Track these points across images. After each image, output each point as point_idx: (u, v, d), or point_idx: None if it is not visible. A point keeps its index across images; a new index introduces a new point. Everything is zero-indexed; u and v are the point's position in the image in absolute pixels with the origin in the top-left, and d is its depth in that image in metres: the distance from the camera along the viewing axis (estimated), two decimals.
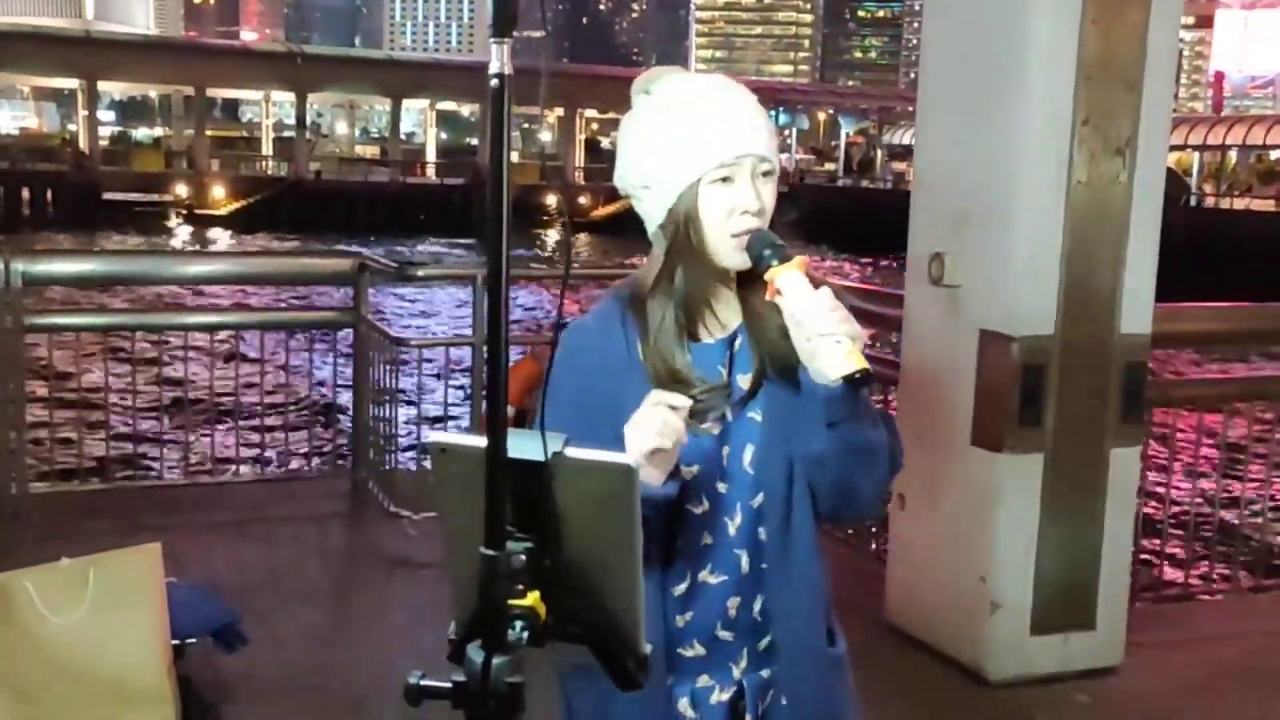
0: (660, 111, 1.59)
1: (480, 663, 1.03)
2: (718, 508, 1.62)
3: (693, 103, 1.58)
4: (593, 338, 1.63)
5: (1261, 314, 5.04)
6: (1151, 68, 3.62)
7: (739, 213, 1.55)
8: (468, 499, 1.07)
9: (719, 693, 1.65)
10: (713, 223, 1.56)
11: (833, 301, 1.48)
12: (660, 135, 1.58)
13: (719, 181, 1.55)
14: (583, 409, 1.54)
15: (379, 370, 5.57)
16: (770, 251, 1.53)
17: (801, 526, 1.62)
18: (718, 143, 1.55)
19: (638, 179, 1.61)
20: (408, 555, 4.77)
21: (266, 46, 70.37)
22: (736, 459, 1.62)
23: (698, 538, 1.62)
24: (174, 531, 4.75)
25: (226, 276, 6.49)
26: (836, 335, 1.46)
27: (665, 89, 1.62)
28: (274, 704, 3.47)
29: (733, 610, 1.64)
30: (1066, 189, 3.59)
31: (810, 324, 1.47)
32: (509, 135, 0.95)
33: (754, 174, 1.56)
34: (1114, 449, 3.77)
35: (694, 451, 1.58)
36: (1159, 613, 4.59)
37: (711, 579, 1.63)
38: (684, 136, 1.56)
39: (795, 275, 1.50)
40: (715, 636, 1.64)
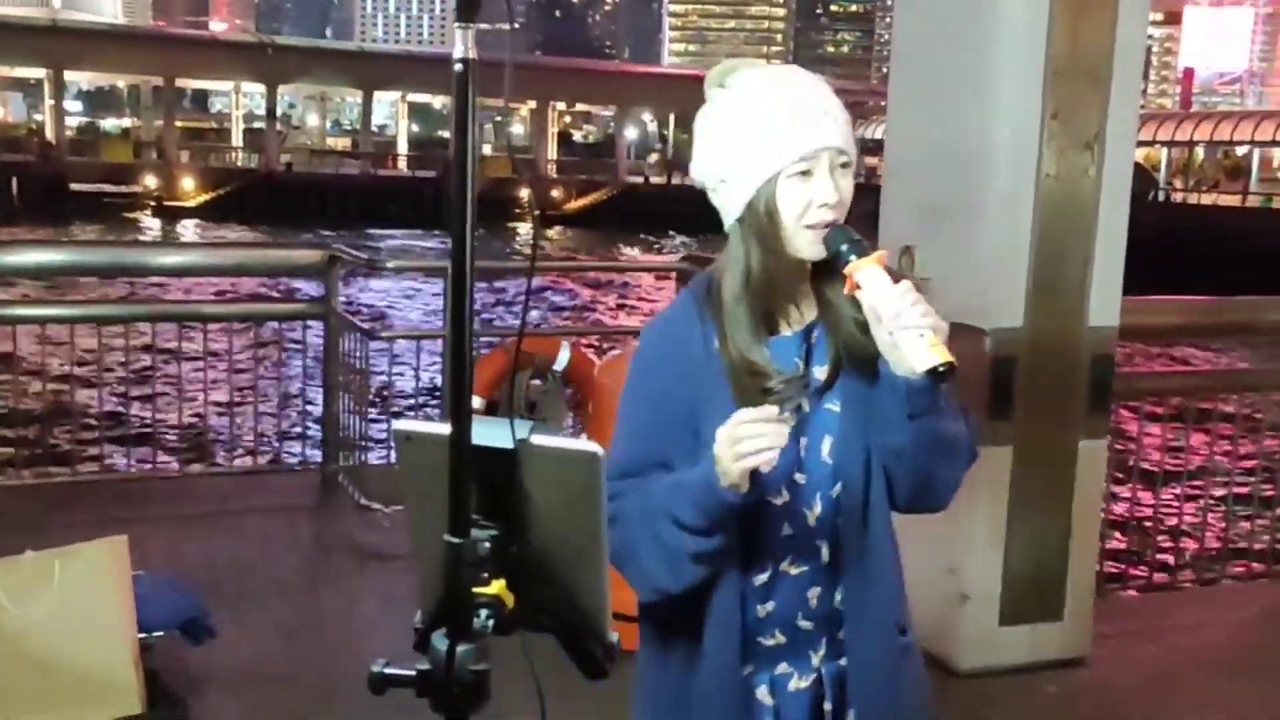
0: (737, 105, 1.60)
1: (444, 651, 1.03)
2: (796, 498, 1.63)
3: (770, 95, 1.58)
4: (671, 335, 1.64)
5: (1227, 307, 5.10)
6: (1120, 63, 3.65)
7: (817, 206, 1.56)
8: (433, 487, 1.07)
9: (797, 680, 1.67)
10: (791, 216, 1.56)
11: (914, 294, 1.49)
12: (739, 129, 1.58)
13: (797, 175, 1.55)
14: (660, 410, 1.59)
15: (350, 362, 5.54)
16: (849, 246, 1.53)
17: (878, 517, 1.63)
18: (797, 136, 1.55)
19: (715, 173, 1.61)
20: (378, 548, 4.75)
21: (236, 37, 69.81)
22: (815, 450, 1.63)
23: (778, 528, 1.63)
24: (142, 524, 4.71)
25: (196, 268, 6.44)
26: (920, 328, 1.47)
27: (740, 83, 1.62)
28: (242, 696, 3.45)
29: (813, 600, 1.65)
30: (1036, 182, 3.61)
31: (893, 318, 1.48)
32: (474, 121, 0.94)
33: (832, 167, 1.57)
34: (1082, 441, 3.80)
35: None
36: (1126, 604, 4.64)
37: (792, 569, 1.64)
38: (763, 130, 1.56)
39: (875, 269, 1.51)
40: (796, 626, 1.66)
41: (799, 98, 1.58)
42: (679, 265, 6.03)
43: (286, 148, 58.22)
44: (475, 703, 1.03)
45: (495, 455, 1.08)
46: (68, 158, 49.87)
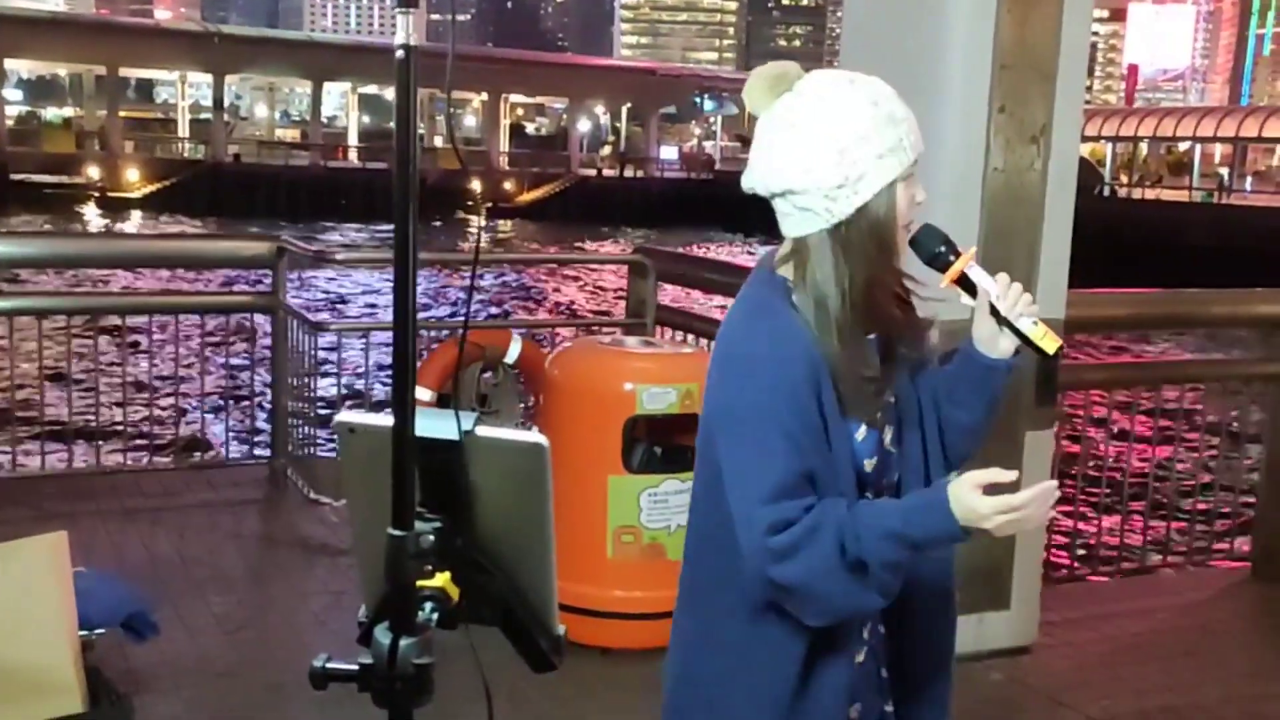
0: (845, 108, 1.61)
1: (387, 645, 1.01)
2: (867, 488, 1.68)
3: (879, 103, 1.62)
4: (787, 335, 1.59)
5: (1171, 299, 5.17)
6: (1065, 57, 3.69)
7: (914, 205, 1.64)
8: (377, 479, 1.05)
9: (858, 656, 1.70)
10: (902, 217, 1.63)
11: (1019, 285, 1.62)
12: (858, 133, 1.59)
13: (908, 178, 1.62)
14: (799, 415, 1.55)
15: (298, 355, 5.49)
16: (945, 247, 1.65)
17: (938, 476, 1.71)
18: (914, 141, 1.62)
19: (827, 179, 1.58)
20: (327, 542, 4.71)
21: (182, 25, 68.61)
22: (895, 441, 1.70)
23: None
24: (84, 519, 4.64)
25: (141, 259, 6.34)
26: (1033, 316, 1.62)
27: (826, 87, 1.64)
28: (186, 692, 3.41)
29: None
30: (983, 175, 3.64)
31: (1010, 308, 1.61)
32: (415, 108, 0.93)
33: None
34: (1029, 432, 3.83)
35: (870, 445, 1.65)
36: (1070, 592, 4.70)
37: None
38: (887, 135, 1.60)
39: (974, 265, 1.64)
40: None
41: (897, 102, 1.65)
42: (632, 258, 6.02)
43: (234, 139, 57.46)
44: (418, 697, 1.02)
45: (440, 447, 1.07)
46: (7, 147, 48.89)
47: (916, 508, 1.54)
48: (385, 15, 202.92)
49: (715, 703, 1.68)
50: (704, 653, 1.69)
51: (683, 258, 7.99)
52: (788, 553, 1.50)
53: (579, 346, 4.61)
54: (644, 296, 5.68)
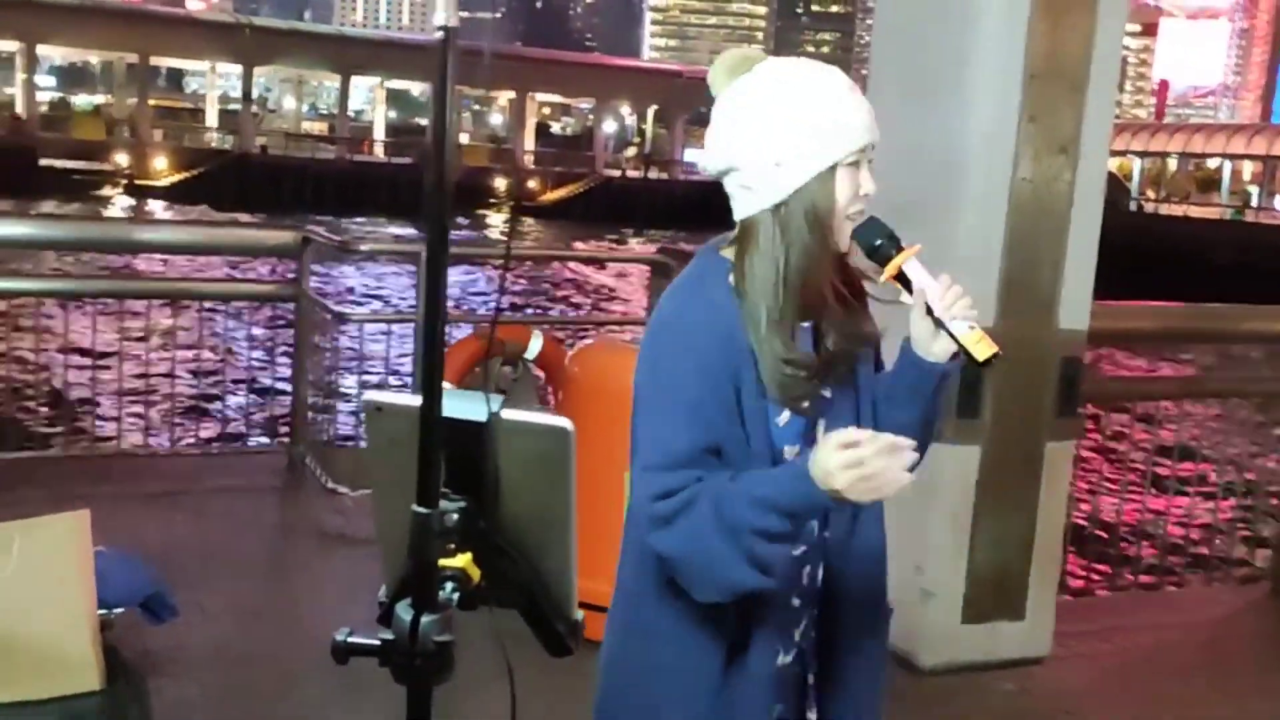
0: (791, 90, 1.58)
1: (409, 621, 1.02)
2: None
3: (827, 84, 1.59)
4: (705, 316, 1.59)
5: (1195, 314, 5.14)
6: (1097, 69, 3.68)
7: (859, 196, 1.60)
8: (402, 459, 1.06)
9: (782, 657, 1.69)
10: (839, 206, 1.59)
11: (959, 288, 1.56)
12: (799, 113, 1.57)
13: (852, 165, 1.59)
14: (707, 387, 1.54)
15: (320, 345, 5.51)
16: (886, 240, 1.61)
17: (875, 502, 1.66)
18: (859, 125, 1.58)
19: (765, 156, 1.58)
20: (343, 531, 4.73)
21: (214, 16, 69.14)
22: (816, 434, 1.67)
23: None
24: (104, 501, 4.63)
25: (168, 245, 6.38)
26: (969, 320, 1.55)
27: (780, 70, 1.61)
28: (201, 676, 3.43)
29: (805, 578, 1.69)
30: (1010, 185, 3.64)
31: (945, 309, 1.56)
32: (454, 90, 0.94)
33: (869, 161, 1.62)
34: (1049, 443, 3.83)
35: (793, 432, 1.63)
36: (1086, 604, 4.69)
37: (794, 550, 1.66)
38: (828, 116, 1.57)
39: (916, 262, 1.60)
40: (789, 604, 1.68)
41: (850, 89, 1.62)
42: (655, 258, 6.02)
43: (262, 130, 57.72)
44: (439, 673, 1.03)
45: (465, 429, 1.08)
46: (38, 133, 49.24)
47: (784, 472, 1.51)
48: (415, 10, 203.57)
49: (639, 692, 1.67)
50: (628, 640, 1.68)
51: None
52: (667, 519, 1.47)
53: (599, 344, 4.62)
54: None
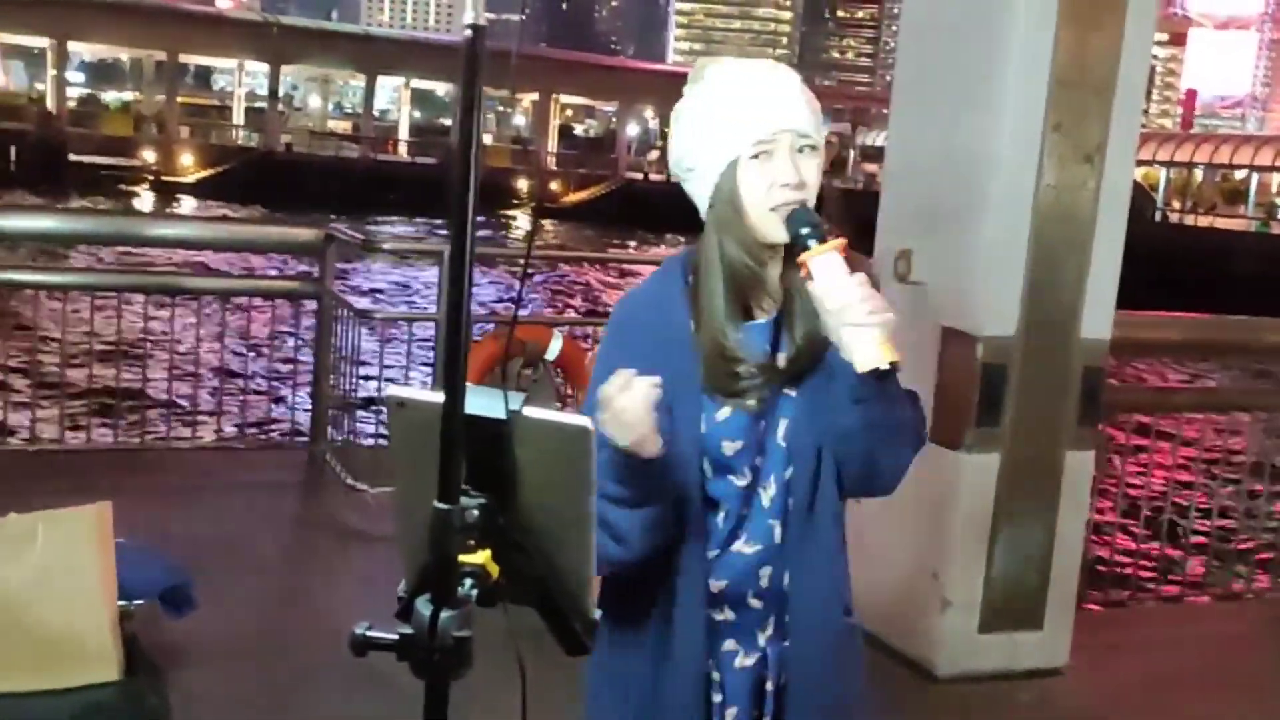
0: (702, 95, 1.64)
1: (428, 616, 1.03)
2: (755, 480, 1.66)
3: (730, 83, 1.62)
4: (647, 311, 1.67)
5: (1219, 325, 5.12)
6: (1124, 77, 3.66)
7: (778, 186, 1.57)
8: (424, 455, 1.06)
9: (743, 658, 1.69)
10: (754, 198, 1.59)
11: (864, 290, 1.49)
12: (701, 118, 1.62)
13: (757, 158, 1.58)
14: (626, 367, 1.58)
15: (341, 342, 5.54)
16: (809, 230, 1.54)
17: (825, 500, 1.66)
18: (752, 119, 1.59)
19: (685, 163, 1.65)
20: (362, 528, 4.75)
21: (242, 15, 69.58)
22: (773, 433, 1.66)
23: (737, 508, 1.67)
24: (125, 494, 4.66)
25: (192, 241, 6.42)
26: (865, 325, 1.47)
27: (708, 75, 1.66)
28: (219, 669, 3.45)
29: (764, 579, 1.68)
30: (1035, 192, 3.62)
31: (839, 311, 1.48)
32: (480, 91, 0.94)
33: (793, 149, 1.59)
34: (1070, 452, 3.81)
35: (735, 427, 1.63)
36: (1105, 616, 4.65)
37: (746, 548, 1.67)
38: (723, 116, 1.60)
39: (830, 258, 1.50)
40: (746, 604, 1.68)
41: (757, 83, 1.62)
42: None
43: (287, 128, 58.02)
44: (457, 668, 1.04)
45: (487, 426, 1.08)
46: (67, 128, 49.65)
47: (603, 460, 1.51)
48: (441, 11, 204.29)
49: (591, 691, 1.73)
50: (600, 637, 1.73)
51: None
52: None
53: None
54: None
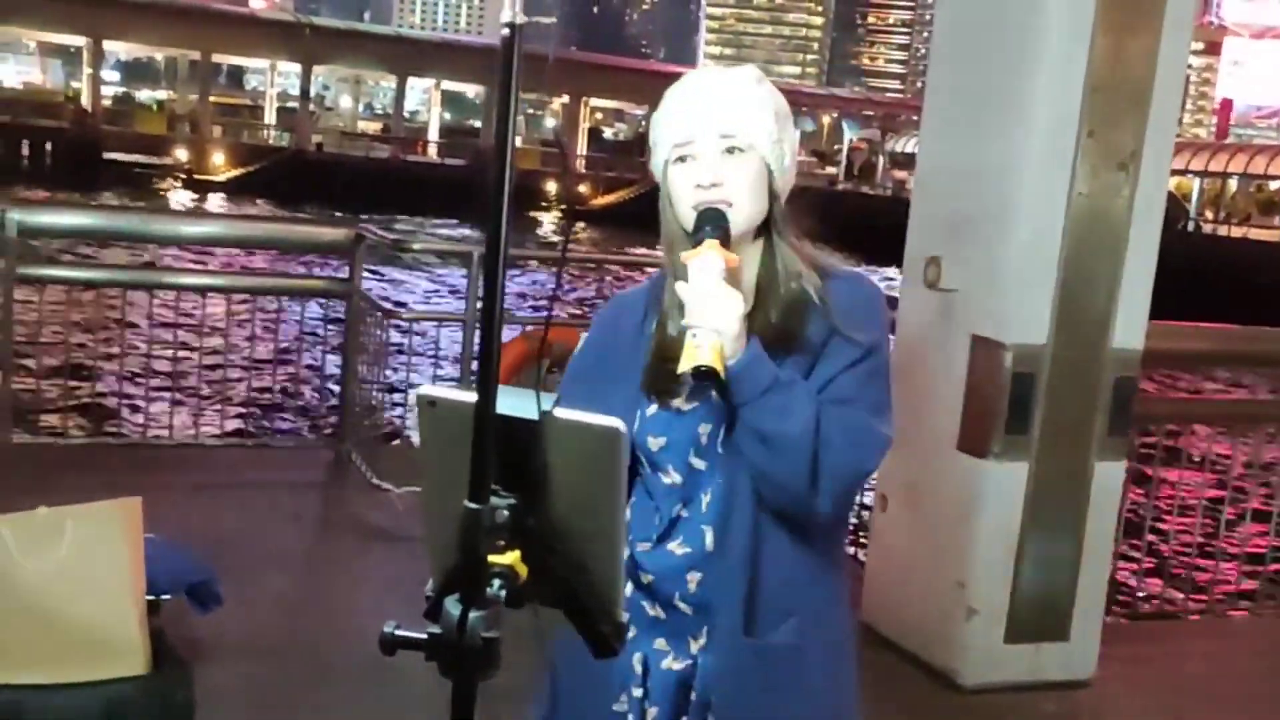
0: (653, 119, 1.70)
1: (457, 615, 1.03)
2: (693, 483, 1.65)
3: (670, 91, 1.68)
4: (615, 309, 1.80)
5: (1253, 337, 5.06)
6: (1160, 84, 3.62)
7: (694, 186, 1.60)
8: (453, 455, 1.06)
9: (671, 661, 1.68)
10: (680, 200, 1.63)
11: (705, 293, 1.49)
12: (653, 120, 1.69)
13: (680, 161, 1.63)
14: (579, 368, 1.74)
15: (370, 342, 5.56)
16: (708, 228, 1.56)
17: (742, 510, 1.61)
18: (674, 124, 1.64)
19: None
20: (388, 528, 4.76)
21: (275, 15, 70.00)
22: (714, 439, 1.63)
23: (670, 507, 1.67)
24: (152, 490, 4.68)
25: (223, 239, 6.47)
26: (694, 328, 1.49)
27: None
28: (240, 666, 3.46)
29: (693, 584, 1.65)
30: (1067, 199, 3.59)
31: (685, 313, 1.51)
32: (518, 89, 0.94)
33: (718, 150, 1.61)
34: (1099, 462, 3.78)
35: (662, 424, 1.65)
36: (1133, 628, 4.61)
37: (677, 549, 1.66)
38: (656, 123, 1.68)
39: (706, 258, 1.52)
40: (674, 605, 1.67)
41: (686, 89, 1.66)
42: None
43: (318, 128, 58.38)
44: (485, 669, 1.03)
45: (517, 426, 1.08)
46: (102, 126, 50.15)
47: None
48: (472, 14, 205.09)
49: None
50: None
51: None
52: None
53: None
54: None
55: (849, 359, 1.59)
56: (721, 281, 1.50)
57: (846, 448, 1.55)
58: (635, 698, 1.67)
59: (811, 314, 1.60)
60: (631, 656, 1.67)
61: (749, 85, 1.64)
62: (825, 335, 1.60)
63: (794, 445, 1.53)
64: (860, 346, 1.59)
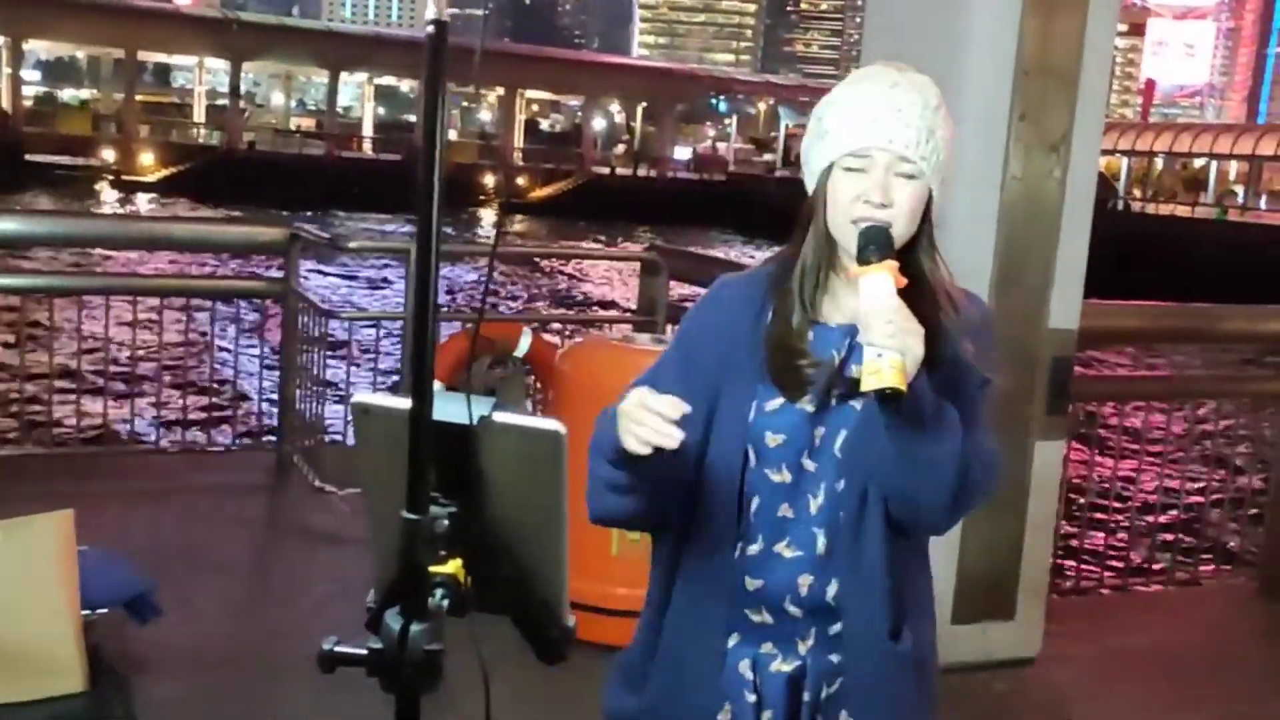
0: (830, 96, 1.67)
1: (398, 629, 1.00)
2: (802, 483, 1.65)
3: (850, 88, 1.65)
4: (732, 297, 1.71)
5: (1185, 313, 5.15)
6: (1087, 66, 3.66)
7: (862, 201, 1.58)
8: (391, 463, 1.04)
9: (780, 663, 1.67)
10: (839, 206, 1.60)
11: (893, 313, 1.48)
12: (819, 118, 1.65)
13: (851, 170, 1.60)
14: (688, 370, 1.67)
15: (308, 343, 5.48)
16: (874, 248, 1.54)
17: (873, 520, 1.62)
18: (854, 131, 1.60)
19: (803, 158, 1.69)
20: (332, 531, 4.70)
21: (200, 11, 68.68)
22: (830, 441, 1.64)
23: (775, 507, 1.65)
24: (89, 499, 4.59)
25: (154, 241, 6.33)
26: (880, 348, 1.47)
27: (852, 76, 1.68)
28: (186, 676, 3.40)
29: (804, 588, 1.65)
30: (1001, 183, 3.62)
31: (864, 329, 1.49)
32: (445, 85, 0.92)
33: (889, 169, 1.59)
34: (1039, 442, 3.82)
35: (783, 421, 1.63)
36: (1077, 605, 4.68)
37: (786, 552, 1.65)
38: (830, 120, 1.63)
39: (880, 277, 1.51)
40: (784, 609, 1.66)
41: (874, 94, 1.62)
42: (644, 255, 6.01)
43: (250, 126, 57.56)
44: (427, 683, 1.01)
45: (456, 432, 1.06)
46: (24, 127, 49.03)
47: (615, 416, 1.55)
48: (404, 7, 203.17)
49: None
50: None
51: (694, 256, 7.97)
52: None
53: (589, 342, 4.59)
54: (655, 294, 5.67)
55: (975, 383, 1.64)
56: (901, 302, 1.50)
57: (982, 474, 1.61)
58: (750, 703, 1.67)
59: (946, 339, 1.62)
60: (739, 663, 1.67)
61: (933, 108, 1.63)
62: (953, 359, 1.62)
63: (942, 470, 1.56)
64: (984, 371, 1.64)
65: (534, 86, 62.87)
